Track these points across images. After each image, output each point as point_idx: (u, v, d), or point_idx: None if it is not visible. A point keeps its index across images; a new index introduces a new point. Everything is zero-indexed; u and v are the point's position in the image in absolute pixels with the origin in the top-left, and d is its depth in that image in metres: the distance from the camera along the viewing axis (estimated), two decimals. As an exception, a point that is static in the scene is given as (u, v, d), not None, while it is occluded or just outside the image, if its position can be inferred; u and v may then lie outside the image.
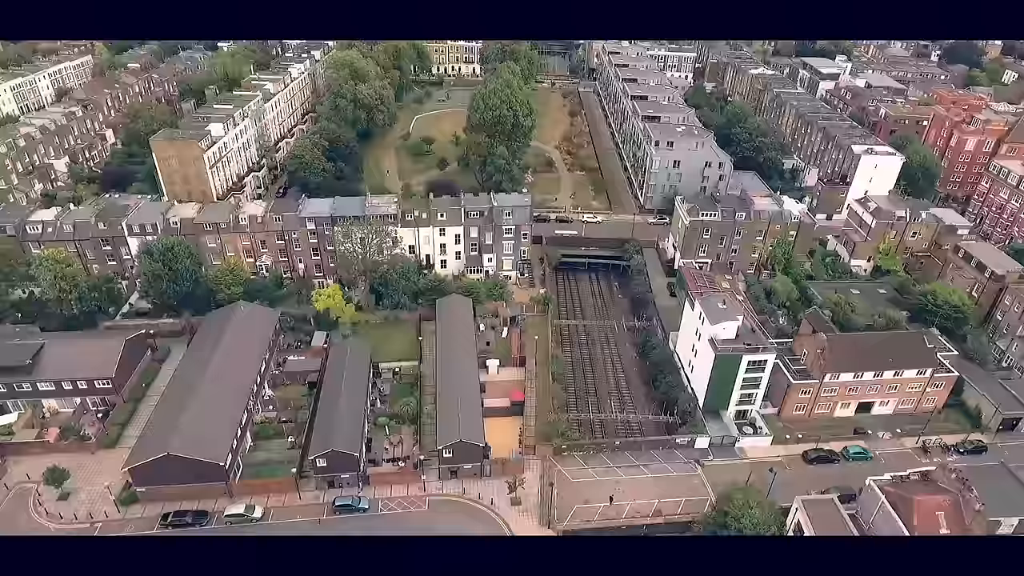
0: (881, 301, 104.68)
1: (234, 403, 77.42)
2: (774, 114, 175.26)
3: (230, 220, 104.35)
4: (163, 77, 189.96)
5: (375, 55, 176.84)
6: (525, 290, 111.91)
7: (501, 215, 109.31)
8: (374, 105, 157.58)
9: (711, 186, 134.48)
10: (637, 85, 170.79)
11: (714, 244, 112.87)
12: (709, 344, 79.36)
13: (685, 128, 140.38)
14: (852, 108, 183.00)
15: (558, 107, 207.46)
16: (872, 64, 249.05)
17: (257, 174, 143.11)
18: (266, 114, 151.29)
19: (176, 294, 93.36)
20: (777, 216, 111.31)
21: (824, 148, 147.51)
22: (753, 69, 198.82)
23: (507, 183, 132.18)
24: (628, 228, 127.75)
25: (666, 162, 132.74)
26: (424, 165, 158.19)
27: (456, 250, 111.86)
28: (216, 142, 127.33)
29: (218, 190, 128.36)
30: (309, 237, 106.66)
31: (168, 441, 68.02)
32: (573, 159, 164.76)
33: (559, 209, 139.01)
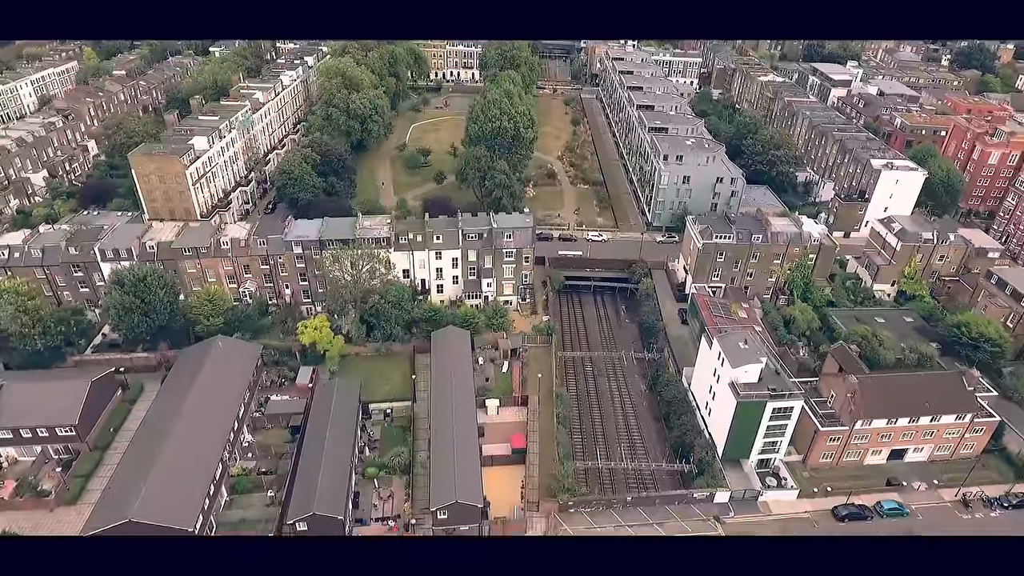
0: (908, 331, 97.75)
1: (209, 453, 70.49)
2: (785, 124, 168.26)
3: (211, 244, 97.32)
4: (151, 84, 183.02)
5: (370, 62, 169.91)
6: (527, 317, 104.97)
7: (501, 238, 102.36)
8: (368, 115, 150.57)
9: (722, 203, 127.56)
10: (642, 93, 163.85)
11: (728, 268, 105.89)
12: (730, 388, 72.39)
13: (695, 141, 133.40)
14: (865, 117, 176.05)
15: (560, 115, 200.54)
16: (882, 69, 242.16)
17: (245, 189, 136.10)
18: (255, 125, 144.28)
19: (149, 328, 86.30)
20: (796, 238, 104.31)
21: (840, 161, 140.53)
22: (762, 76, 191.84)
23: (507, 199, 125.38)
24: (635, 248, 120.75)
25: (675, 178, 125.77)
26: (420, 178, 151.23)
27: (453, 274, 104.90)
28: (200, 157, 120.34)
29: (202, 207, 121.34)
30: (296, 262, 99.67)
31: (130, 504, 60.96)
32: (576, 171, 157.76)
33: (562, 226, 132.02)
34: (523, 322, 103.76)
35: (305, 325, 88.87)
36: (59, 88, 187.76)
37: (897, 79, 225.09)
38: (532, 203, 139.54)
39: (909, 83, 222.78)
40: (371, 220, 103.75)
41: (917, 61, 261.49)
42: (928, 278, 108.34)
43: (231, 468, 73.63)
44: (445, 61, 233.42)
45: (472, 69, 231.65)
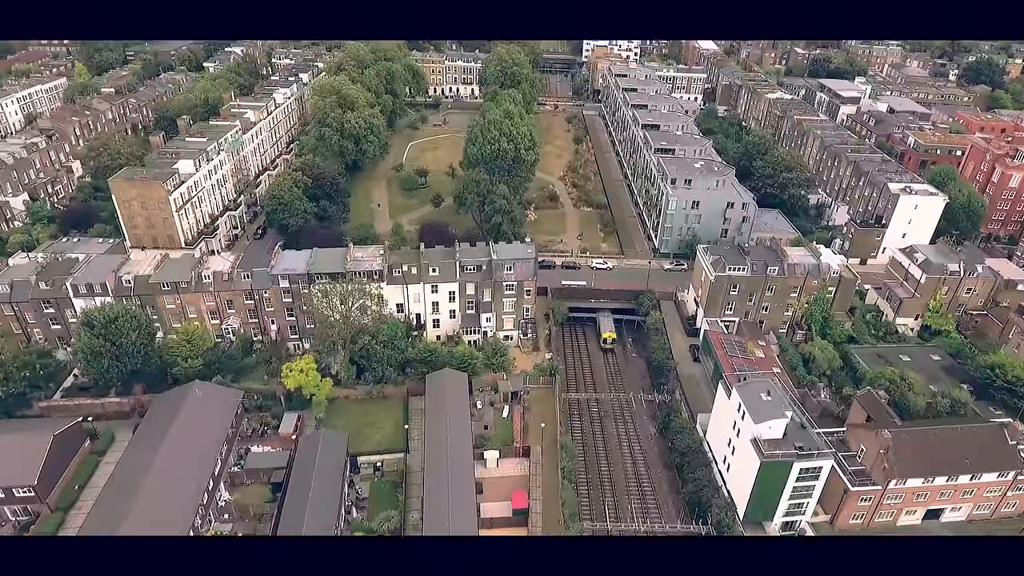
0: (936, 371, 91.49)
1: (180, 515, 64.16)
2: (795, 143, 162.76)
3: (192, 278, 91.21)
4: (141, 102, 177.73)
5: (366, 79, 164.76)
6: (528, 354, 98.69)
7: (501, 270, 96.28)
8: (363, 135, 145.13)
9: (733, 228, 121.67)
10: (647, 112, 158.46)
11: (742, 301, 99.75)
12: (752, 445, 65.98)
13: (703, 163, 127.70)
14: (876, 135, 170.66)
15: (562, 133, 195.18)
16: (889, 85, 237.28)
17: (233, 213, 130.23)
18: (245, 146, 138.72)
19: (120, 374, 79.99)
20: (814, 270, 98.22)
21: (854, 184, 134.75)
22: (769, 93, 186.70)
23: (507, 224, 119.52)
24: (642, 276, 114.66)
25: (683, 202, 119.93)
26: (417, 200, 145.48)
27: (450, 308, 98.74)
28: (185, 181, 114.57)
29: (187, 234, 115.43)
30: (282, 296, 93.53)
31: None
32: (579, 192, 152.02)
33: (565, 253, 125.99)
34: (524, 359, 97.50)
35: (290, 367, 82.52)
36: (47, 106, 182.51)
37: (905, 95, 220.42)
38: (533, 227, 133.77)
39: (918, 99, 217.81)
40: (363, 251, 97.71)
41: (925, 76, 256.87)
42: (954, 311, 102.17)
43: (205, 532, 67.09)
44: (444, 77, 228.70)
45: (471, 85, 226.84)
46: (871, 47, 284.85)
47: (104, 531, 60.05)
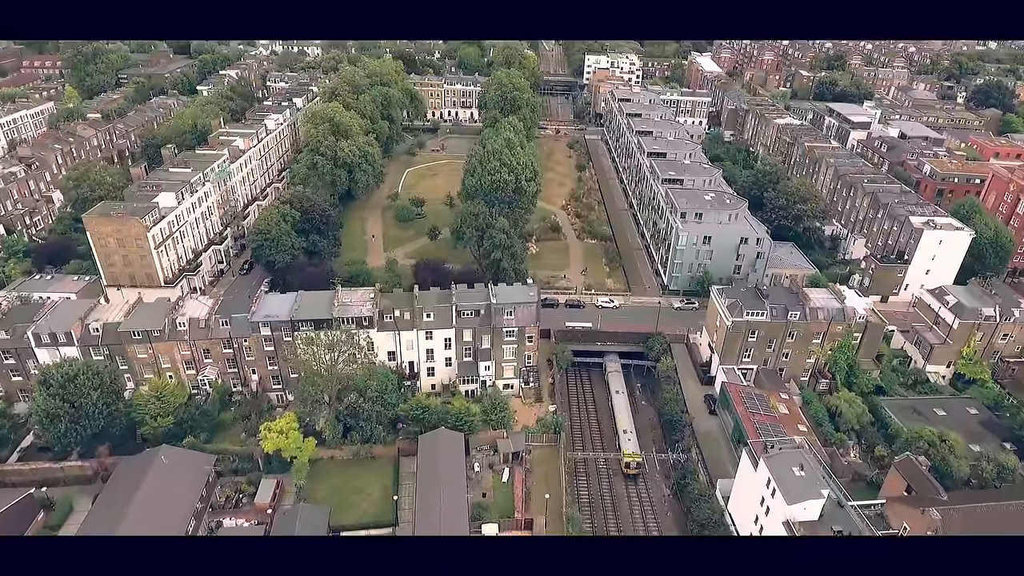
0: (974, 426, 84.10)
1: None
2: (807, 171, 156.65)
3: (165, 326, 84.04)
4: (129, 127, 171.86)
5: (360, 105, 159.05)
6: (530, 406, 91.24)
7: (501, 315, 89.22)
8: (357, 164, 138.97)
9: (747, 265, 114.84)
10: (653, 139, 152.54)
11: (761, 348, 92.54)
12: (784, 529, 58.33)
13: (714, 195, 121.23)
14: (889, 162, 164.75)
15: (563, 159, 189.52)
16: (897, 108, 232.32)
17: (218, 247, 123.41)
18: (232, 176, 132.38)
19: (79, 438, 72.50)
20: (838, 315, 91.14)
21: (872, 216, 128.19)
22: (778, 118, 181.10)
23: (508, 260, 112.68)
24: (651, 316, 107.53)
25: (694, 237, 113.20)
26: (413, 231, 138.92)
27: (446, 356, 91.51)
28: (166, 216, 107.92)
29: (166, 272, 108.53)
30: (264, 344, 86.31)
31: None
32: (582, 223, 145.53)
33: (568, 290, 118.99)
34: (526, 412, 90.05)
35: (269, 427, 74.98)
36: (32, 131, 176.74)
37: (915, 119, 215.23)
38: (535, 261, 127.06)
39: (928, 123, 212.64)
40: (351, 295, 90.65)
41: (933, 99, 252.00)
42: (988, 358, 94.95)
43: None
44: (442, 100, 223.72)
45: (471, 108, 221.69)
46: (876, 70, 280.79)
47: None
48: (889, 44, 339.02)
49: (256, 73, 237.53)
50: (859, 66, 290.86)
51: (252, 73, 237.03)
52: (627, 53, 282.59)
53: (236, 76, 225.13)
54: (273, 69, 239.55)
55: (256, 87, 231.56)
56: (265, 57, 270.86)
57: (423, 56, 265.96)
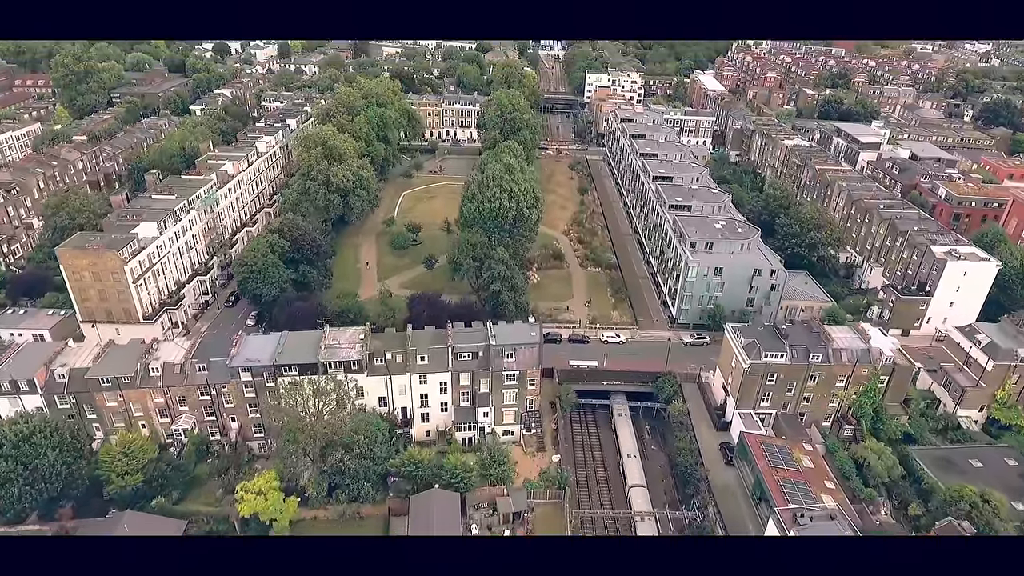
0: (1013, 479, 77.49)
1: None
2: (818, 195, 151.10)
3: (137, 371, 77.62)
4: (116, 150, 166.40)
5: (356, 127, 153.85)
6: (532, 456, 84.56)
7: (501, 358, 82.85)
8: (351, 189, 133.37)
9: (760, 297, 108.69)
10: (658, 162, 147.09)
11: (780, 391, 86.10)
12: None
13: (725, 223, 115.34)
14: (902, 184, 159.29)
15: (565, 180, 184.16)
16: (905, 127, 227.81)
17: (203, 278, 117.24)
18: (220, 202, 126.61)
19: (34, 503, 65.79)
20: (863, 356, 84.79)
21: (890, 244, 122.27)
22: (786, 140, 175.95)
23: (508, 293, 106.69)
24: (660, 352, 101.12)
25: (704, 268, 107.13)
26: (409, 259, 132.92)
27: (442, 401, 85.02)
28: (146, 247, 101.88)
29: (145, 307, 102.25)
30: (244, 391, 79.83)
31: None
32: (586, 249, 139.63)
33: (572, 323, 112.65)
34: (527, 462, 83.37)
35: (246, 488, 68.25)
36: (17, 153, 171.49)
37: (924, 139, 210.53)
38: (536, 292, 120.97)
39: (937, 143, 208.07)
40: (340, 335, 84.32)
41: (940, 118, 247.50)
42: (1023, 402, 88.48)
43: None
44: (441, 120, 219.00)
45: (470, 128, 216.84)
46: (881, 88, 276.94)
47: None
48: (892, 61, 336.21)
49: (251, 92, 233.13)
50: (863, 84, 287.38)
51: (247, 92, 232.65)
52: (628, 71, 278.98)
53: (230, 95, 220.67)
54: (268, 88, 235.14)
55: (251, 106, 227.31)
56: (261, 75, 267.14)
57: (421, 75, 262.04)
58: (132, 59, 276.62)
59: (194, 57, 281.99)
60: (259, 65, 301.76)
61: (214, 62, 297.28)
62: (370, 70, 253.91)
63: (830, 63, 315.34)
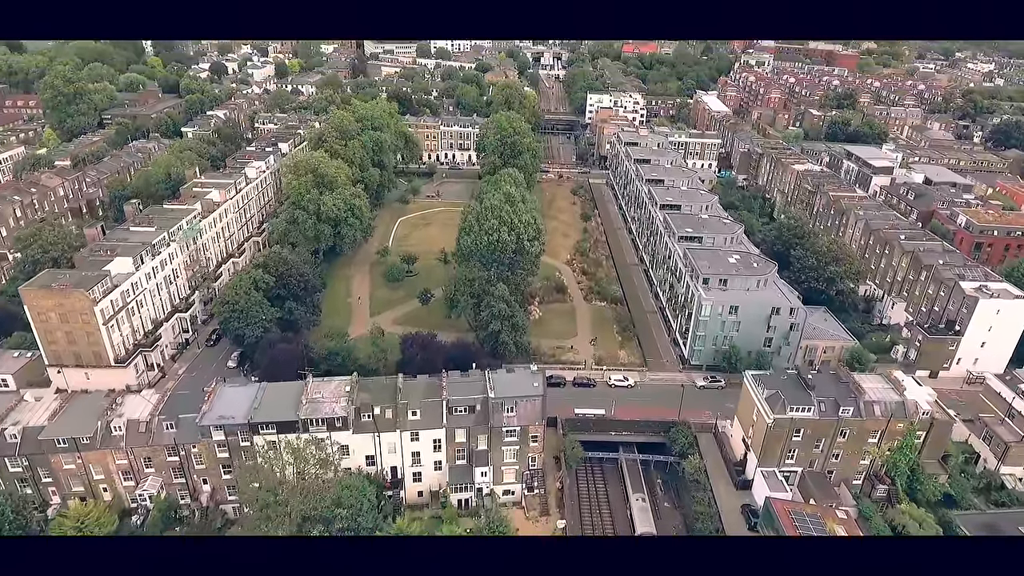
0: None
1: None
2: (832, 223, 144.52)
3: (98, 431, 70.13)
4: (101, 175, 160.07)
5: (350, 152, 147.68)
6: (535, 521, 76.72)
7: (501, 412, 75.37)
8: (342, 218, 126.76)
9: (779, 337, 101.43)
10: (665, 189, 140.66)
11: (807, 448, 78.52)
12: None
13: (739, 257, 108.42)
14: (918, 211, 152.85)
15: (567, 206, 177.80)
16: (916, 150, 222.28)
17: (183, 315, 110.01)
18: (204, 233, 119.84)
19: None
20: (898, 410, 77.32)
21: (914, 278, 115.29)
22: (797, 164, 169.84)
23: (508, 332, 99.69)
24: (671, 397, 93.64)
25: (719, 307, 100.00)
26: (403, 292, 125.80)
27: (435, 459, 77.35)
28: (119, 285, 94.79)
29: (117, 350, 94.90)
30: (217, 450, 72.25)
31: None
32: (590, 281, 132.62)
33: (577, 365, 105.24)
34: (530, 528, 75.53)
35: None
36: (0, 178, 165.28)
37: (935, 161, 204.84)
38: (538, 328, 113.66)
39: (949, 165, 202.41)
40: (324, 387, 76.91)
41: (951, 140, 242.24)
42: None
43: None
44: (439, 142, 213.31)
45: (468, 151, 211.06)
46: (888, 108, 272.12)
47: None
48: (897, 81, 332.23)
49: (245, 113, 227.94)
50: (869, 104, 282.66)
51: (241, 113, 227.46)
52: (630, 91, 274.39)
53: (224, 117, 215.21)
54: (263, 109, 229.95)
55: (245, 128, 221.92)
56: (257, 96, 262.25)
57: (420, 95, 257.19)
58: (126, 79, 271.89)
59: (189, 77, 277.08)
60: (256, 85, 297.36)
61: (211, 82, 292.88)
62: (368, 91, 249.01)
63: (834, 83, 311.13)
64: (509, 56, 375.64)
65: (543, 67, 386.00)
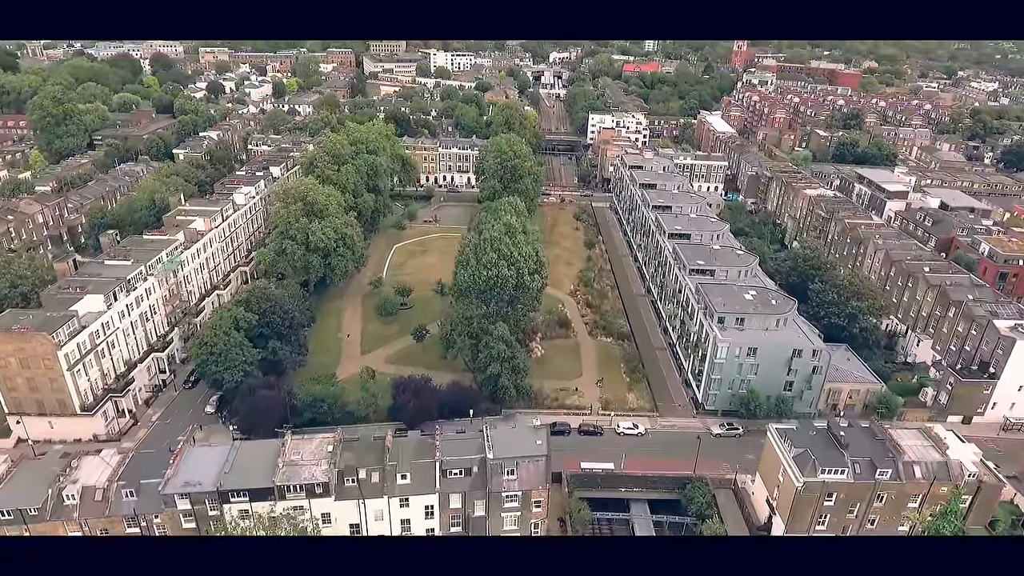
0: None
1: None
2: (847, 251, 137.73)
3: (47, 500, 62.53)
4: (85, 200, 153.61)
5: (342, 177, 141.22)
6: (539, 597, 68.60)
7: (500, 475, 67.77)
8: (333, 249, 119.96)
9: (800, 381, 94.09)
10: (673, 216, 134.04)
11: (840, 513, 70.80)
12: None
13: (756, 294, 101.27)
14: (936, 238, 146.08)
15: (569, 231, 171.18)
16: (923, 170, 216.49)
17: (160, 355, 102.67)
18: (186, 264, 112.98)
19: None
20: (941, 471, 69.72)
21: (941, 314, 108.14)
22: (808, 189, 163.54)
23: (508, 375, 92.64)
24: (685, 447, 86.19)
25: (736, 349, 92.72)
26: (397, 327, 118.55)
27: (427, 527, 69.56)
28: (88, 326, 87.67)
29: (85, 396, 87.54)
30: (183, 520, 64.52)
31: None
32: (594, 314, 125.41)
33: (583, 410, 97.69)
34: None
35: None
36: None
37: (948, 184, 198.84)
38: (540, 367, 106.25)
39: (963, 188, 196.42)
40: (304, 445, 69.29)
41: (962, 161, 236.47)
42: None
43: None
44: (437, 165, 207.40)
45: (467, 173, 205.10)
46: (896, 129, 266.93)
47: None
48: (903, 100, 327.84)
49: (239, 134, 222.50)
50: (876, 124, 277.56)
51: (235, 135, 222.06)
52: (633, 111, 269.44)
53: (217, 138, 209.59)
54: (257, 131, 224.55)
55: (238, 150, 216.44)
56: (252, 116, 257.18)
57: (418, 115, 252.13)
58: (119, 99, 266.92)
59: (183, 97, 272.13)
60: (253, 104, 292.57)
61: (207, 101, 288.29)
62: (365, 111, 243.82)
63: (839, 103, 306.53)
64: (509, 75, 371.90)
65: (543, 86, 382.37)
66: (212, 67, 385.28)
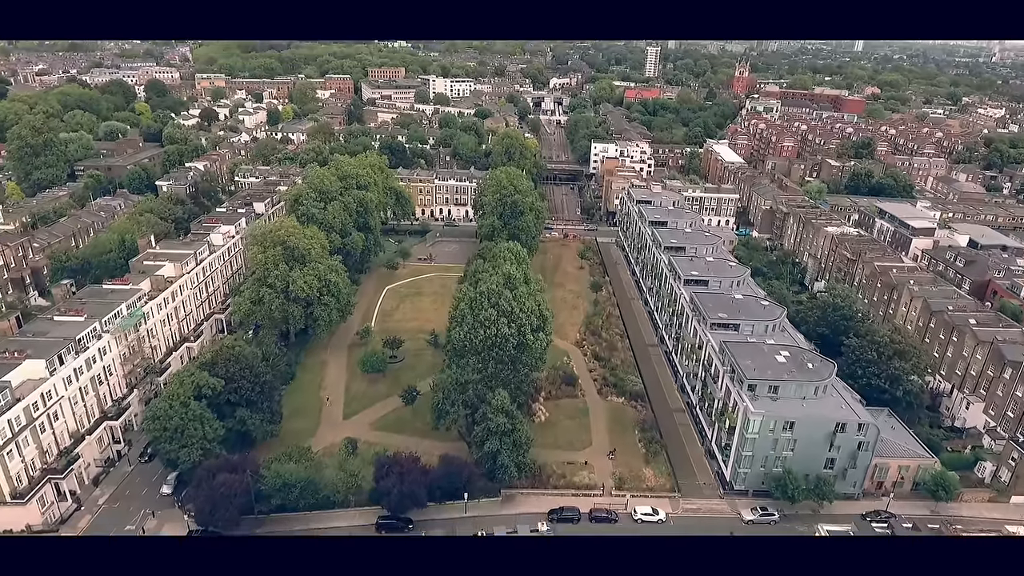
0: None
1: None
2: (878, 296, 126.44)
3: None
4: (54, 238, 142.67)
5: (329, 216, 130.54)
6: None
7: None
8: (315, 298, 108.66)
9: (844, 458, 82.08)
10: (688, 260, 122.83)
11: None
12: None
13: (789, 356, 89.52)
14: (970, 281, 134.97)
15: (574, 271, 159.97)
16: (944, 202, 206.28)
17: (114, 423, 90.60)
18: (150, 317, 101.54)
19: None
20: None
21: (994, 374, 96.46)
22: (829, 226, 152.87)
23: (508, 452, 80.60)
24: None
25: (770, 422, 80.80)
26: (385, 386, 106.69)
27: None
28: (22, 399, 75.89)
29: (16, 481, 75.37)
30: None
31: None
32: (604, 369, 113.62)
33: (593, 490, 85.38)
34: None
35: None
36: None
37: (970, 217, 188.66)
38: (543, 434, 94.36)
39: (986, 222, 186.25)
40: None
41: (980, 192, 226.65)
42: None
43: None
44: (433, 198, 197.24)
45: (465, 206, 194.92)
46: (910, 158, 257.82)
47: None
48: (912, 128, 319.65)
49: (227, 165, 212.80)
50: (888, 153, 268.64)
51: (223, 164, 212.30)
52: (636, 140, 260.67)
53: (203, 168, 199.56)
54: (245, 161, 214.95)
55: (225, 181, 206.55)
56: (242, 145, 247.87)
57: (415, 144, 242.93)
58: (106, 127, 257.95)
59: (172, 125, 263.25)
60: (246, 132, 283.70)
61: (199, 128, 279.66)
62: (360, 139, 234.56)
63: (848, 130, 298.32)
64: (509, 101, 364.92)
65: (544, 112, 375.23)
66: (208, 93, 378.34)
